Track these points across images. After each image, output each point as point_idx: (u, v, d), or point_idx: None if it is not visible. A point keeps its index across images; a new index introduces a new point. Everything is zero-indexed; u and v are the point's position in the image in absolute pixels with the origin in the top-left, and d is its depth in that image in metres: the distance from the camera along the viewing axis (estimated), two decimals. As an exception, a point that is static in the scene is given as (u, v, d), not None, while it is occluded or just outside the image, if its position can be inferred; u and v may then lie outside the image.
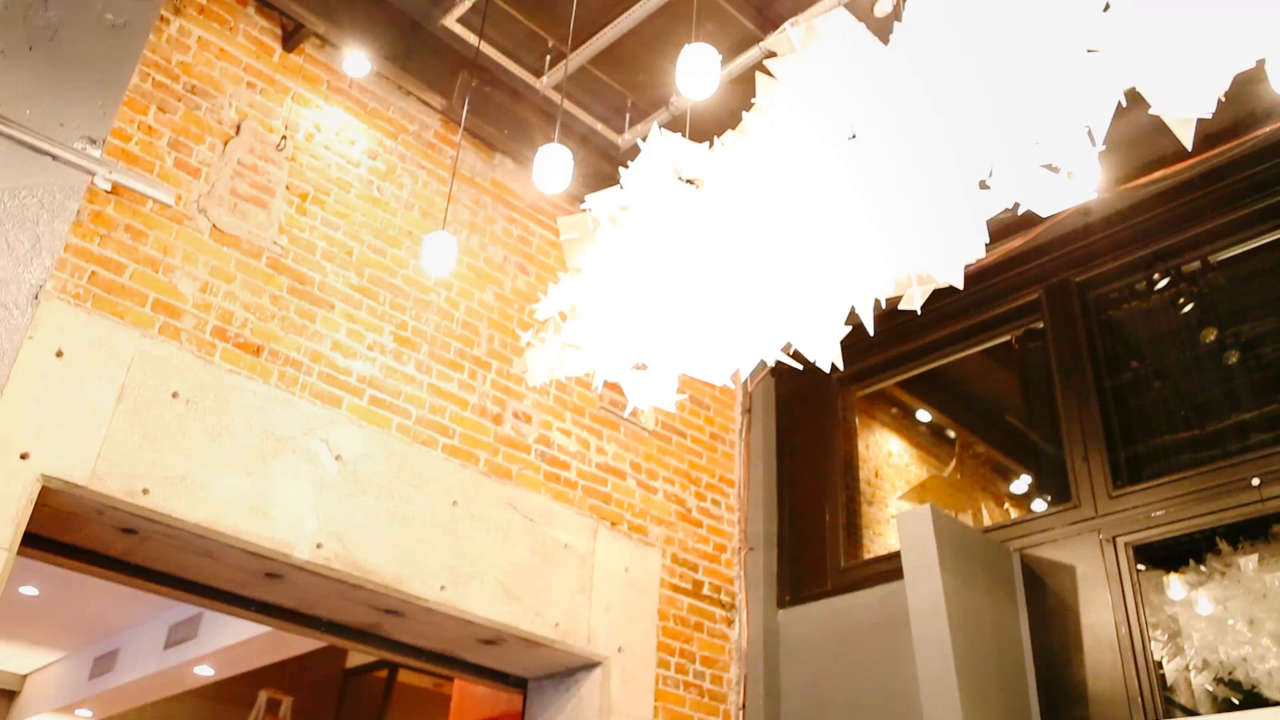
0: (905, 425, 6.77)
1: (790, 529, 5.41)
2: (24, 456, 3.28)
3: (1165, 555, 4.32)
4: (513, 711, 5.29)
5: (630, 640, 4.65)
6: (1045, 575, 4.40)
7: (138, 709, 9.77)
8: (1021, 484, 6.65)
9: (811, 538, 5.31)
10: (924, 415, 6.80)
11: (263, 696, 10.11)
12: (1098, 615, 4.19)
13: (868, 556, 5.27)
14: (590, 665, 4.56)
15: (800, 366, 3.22)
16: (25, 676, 9.73)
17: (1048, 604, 4.34)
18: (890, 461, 6.64)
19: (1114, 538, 4.26)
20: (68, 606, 7.96)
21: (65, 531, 3.66)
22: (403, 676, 11.25)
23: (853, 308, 2.98)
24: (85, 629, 8.44)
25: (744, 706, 4.98)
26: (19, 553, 3.34)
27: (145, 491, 3.48)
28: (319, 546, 3.81)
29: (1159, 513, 4.18)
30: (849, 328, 3.03)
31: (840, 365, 3.05)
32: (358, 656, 11.30)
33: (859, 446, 5.91)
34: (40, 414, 3.34)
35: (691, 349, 3.15)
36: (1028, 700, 4.18)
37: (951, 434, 6.97)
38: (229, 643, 6.91)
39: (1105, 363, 4.76)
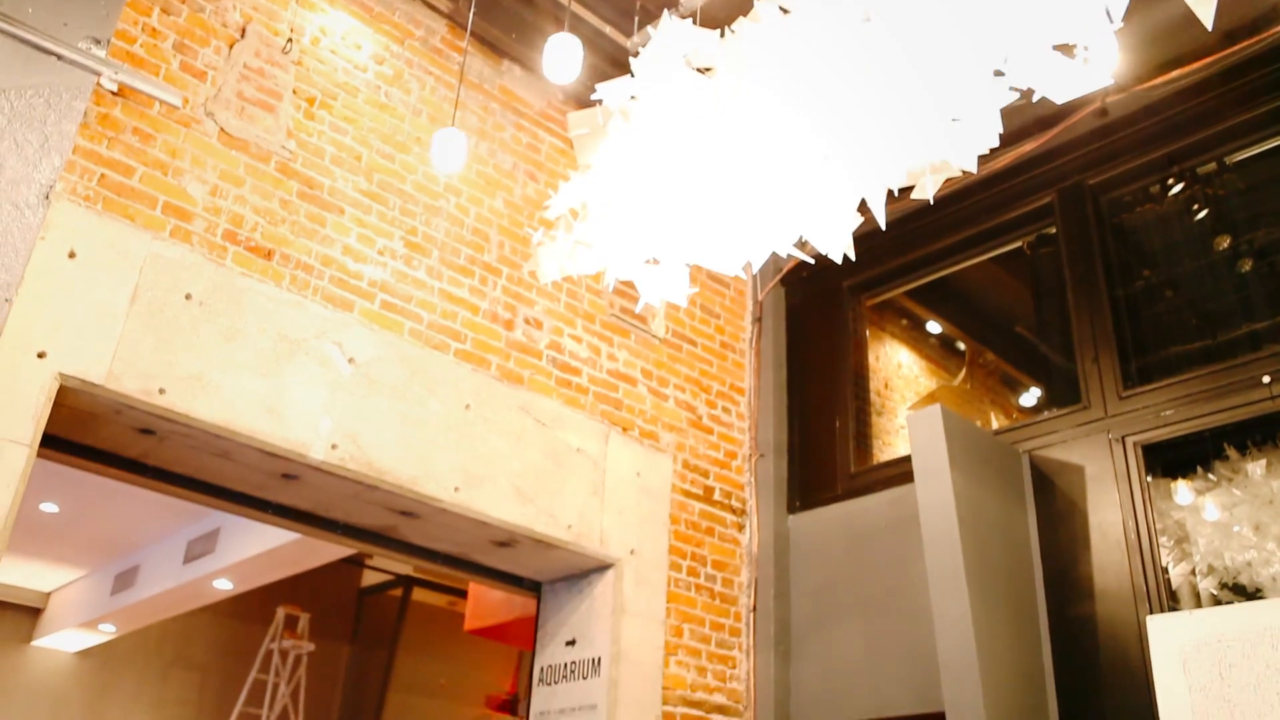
0: (915, 337, 6.78)
1: (800, 437, 5.45)
2: (41, 355, 3.30)
3: (1173, 459, 4.34)
4: (526, 616, 5.39)
5: (642, 543, 4.72)
6: (1054, 475, 4.43)
7: (160, 624, 9.98)
8: (1031, 395, 6.67)
9: (821, 445, 5.35)
10: (934, 327, 6.80)
11: (281, 613, 10.34)
12: (1105, 514, 4.22)
13: (877, 462, 5.31)
14: (603, 567, 4.63)
15: (811, 260, 3.22)
16: (49, 594, 9.91)
17: (1056, 504, 4.38)
18: (900, 373, 6.66)
19: (1123, 437, 4.28)
20: (87, 523, 8.08)
21: (84, 433, 3.71)
22: (417, 595, 11.47)
23: (864, 199, 2.97)
24: (105, 546, 8.58)
25: (755, 609, 5.07)
26: (39, 454, 3.38)
27: (161, 391, 3.51)
28: (334, 448, 3.85)
29: (1168, 412, 4.20)
30: (861, 218, 3.03)
31: (852, 255, 3.05)
32: (373, 576, 11.51)
33: (869, 358, 5.92)
34: (55, 314, 3.36)
35: (703, 241, 3.14)
36: (1035, 597, 4.25)
37: (961, 346, 6.97)
38: (246, 555, 7.02)
39: (1118, 270, 4.73)
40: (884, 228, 3.01)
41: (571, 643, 4.64)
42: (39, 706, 9.57)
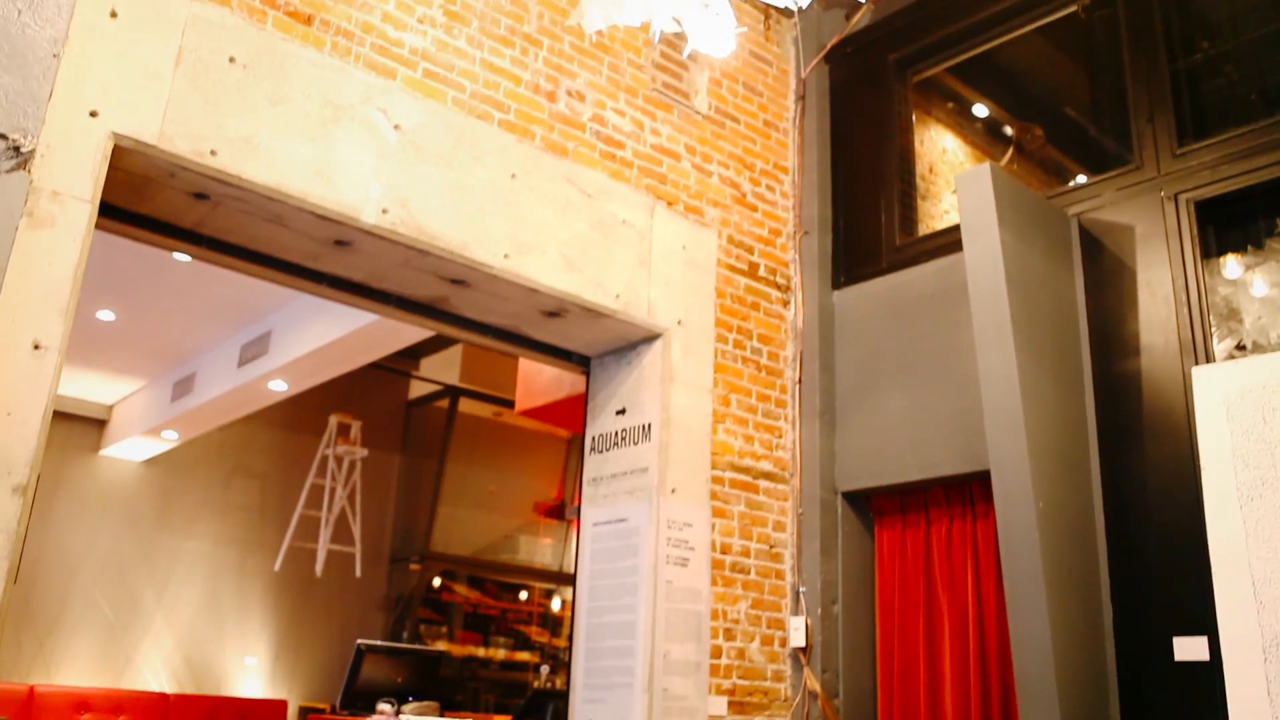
0: (960, 121, 6.63)
1: (844, 214, 5.42)
2: (93, 114, 3.33)
3: (1224, 223, 4.28)
4: (575, 394, 5.53)
5: (689, 314, 4.78)
6: (1103, 237, 4.40)
7: (219, 434, 10.36)
8: (1079, 180, 6.55)
9: (866, 222, 5.33)
10: (980, 110, 6.63)
11: (333, 420, 10.67)
12: (1154, 272, 4.21)
13: (922, 234, 5.29)
14: (651, 337, 4.71)
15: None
16: (112, 406, 10.28)
17: (1104, 265, 4.37)
18: (944, 158, 6.55)
19: (1175, 195, 4.22)
20: (143, 331, 8.29)
21: (140, 201, 3.76)
22: (463, 406, 11.76)
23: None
24: (162, 355, 8.83)
25: (800, 381, 5.16)
26: (98, 226, 3.45)
27: (213, 153, 3.54)
28: (384, 212, 3.89)
29: (1223, 166, 4.12)
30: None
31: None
32: (420, 387, 11.79)
33: (913, 141, 5.82)
34: (102, 74, 3.36)
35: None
36: (1080, 355, 4.28)
37: (1008, 131, 6.82)
38: (298, 355, 7.20)
39: (1179, 37, 4.57)
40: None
41: (622, 412, 4.77)
42: (112, 512, 10.05)
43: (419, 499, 11.60)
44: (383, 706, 5.83)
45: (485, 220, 4.15)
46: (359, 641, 6.02)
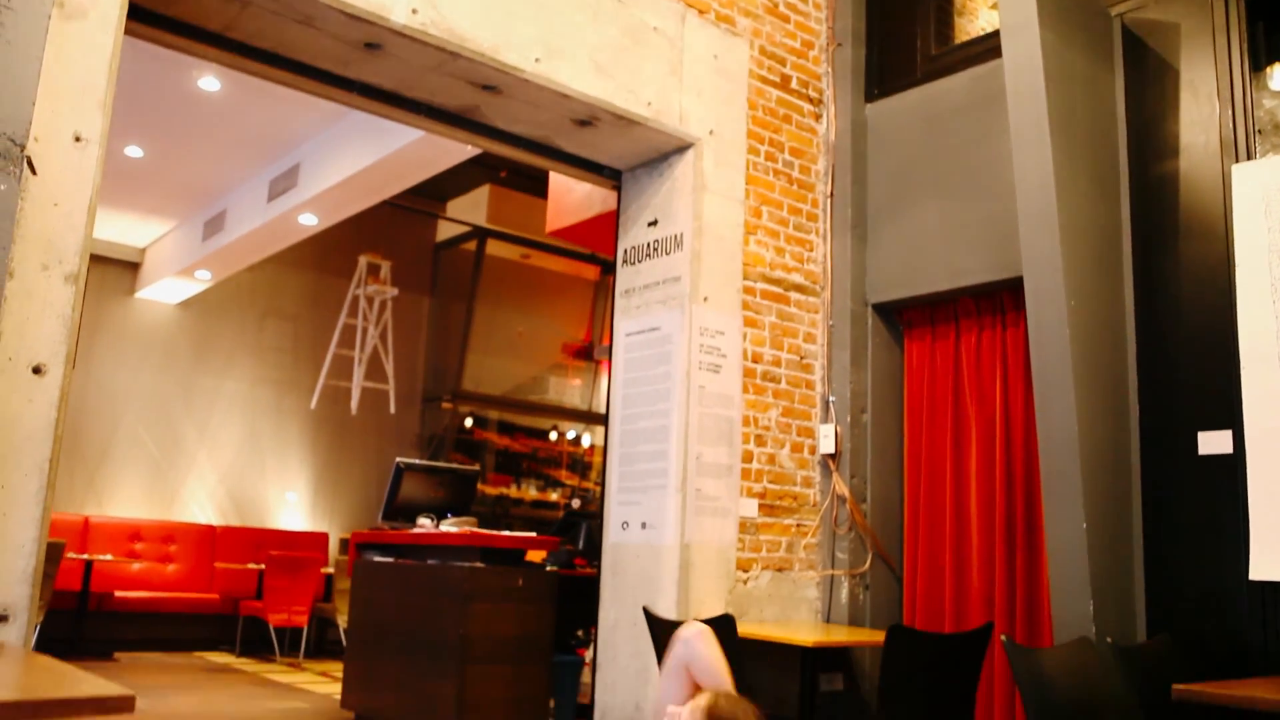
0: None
1: (878, 24, 5.30)
2: (117, -97, 3.27)
3: (1275, 21, 4.15)
4: (607, 212, 5.54)
5: (721, 124, 4.74)
6: (1146, 36, 4.29)
7: (251, 276, 10.47)
8: None
9: (900, 32, 5.22)
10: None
11: (363, 261, 10.74)
12: (1198, 71, 4.11)
13: (958, 42, 5.17)
14: (683, 147, 4.68)
15: None
16: (144, 249, 10.37)
17: (1146, 64, 4.27)
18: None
19: (1224, -10, 4.10)
20: (172, 169, 8.30)
21: (169, 3, 3.73)
22: (491, 248, 11.78)
23: None
24: (191, 193, 8.85)
25: (831, 195, 5.14)
26: (127, 31, 3.42)
27: (239, -54, 3.49)
28: (414, 12, 3.84)
29: (1277, -44, 3.98)
30: None
31: None
32: (448, 230, 11.80)
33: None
34: None
35: None
36: (1117, 157, 4.23)
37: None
38: (328, 186, 7.21)
39: None
40: None
41: (654, 223, 4.79)
42: (150, 354, 10.25)
43: (449, 341, 11.74)
44: (423, 521, 6.06)
45: (515, 23, 4.09)
46: (398, 460, 6.20)
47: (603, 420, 4.89)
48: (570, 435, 12.68)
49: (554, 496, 12.23)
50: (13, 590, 2.85)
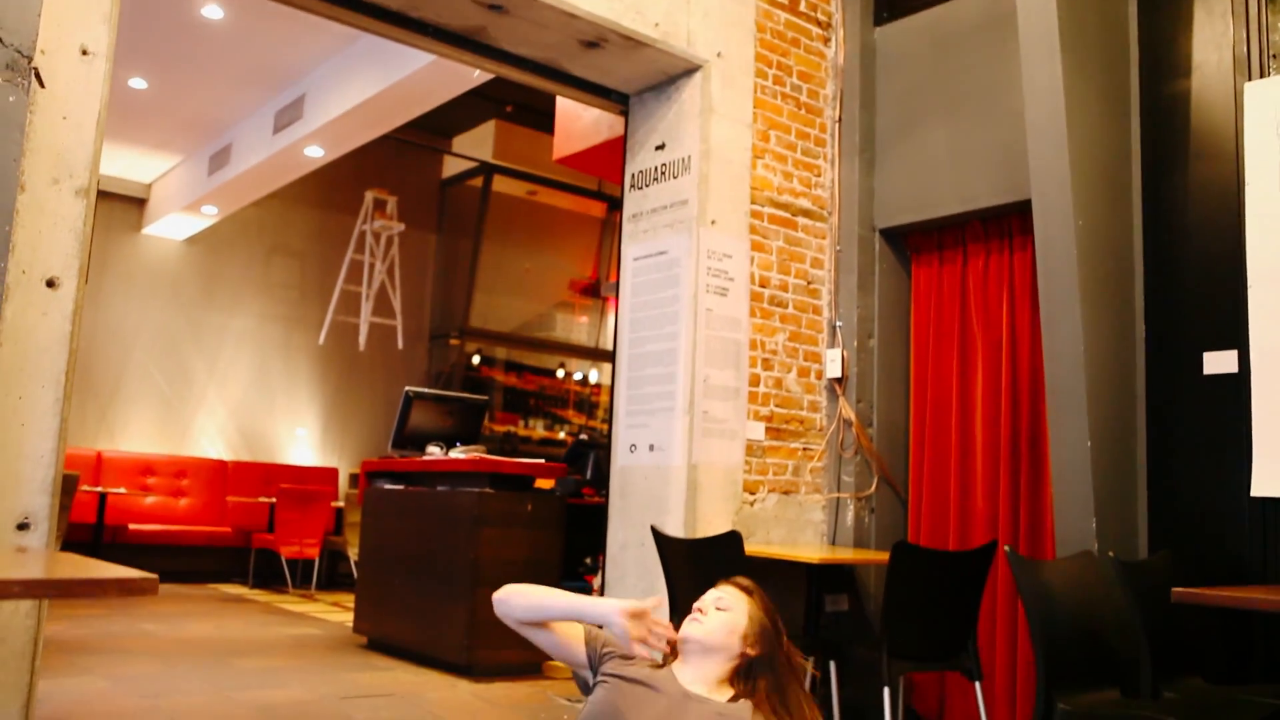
0: None
1: (890, -54, 5.23)
2: None
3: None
4: (614, 138, 5.52)
5: (728, 47, 4.71)
6: (1160, -47, 4.24)
7: (258, 213, 10.45)
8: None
9: (912, -46, 5.15)
10: None
11: (369, 196, 10.72)
12: (1213, -13, 4.06)
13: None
14: (690, 70, 4.65)
15: None
16: (150, 185, 10.35)
17: (1159, -17, 4.22)
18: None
19: (1241, -100, 4.03)
20: (176, 101, 8.25)
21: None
22: (497, 185, 11.74)
23: None
24: (196, 127, 8.81)
25: (840, 119, 5.11)
26: None
27: None
28: (419, -72, 3.81)
29: None
30: None
31: None
32: (454, 165, 11.75)
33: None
34: None
35: None
36: (1128, 76, 4.19)
37: None
38: (333, 116, 7.17)
39: None
40: None
41: (661, 147, 4.77)
42: (158, 291, 10.27)
43: (456, 278, 11.75)
44: (432, 449, 6.12)
45: (521, -61, 4.05)
46: (407, 389, 6.24)
47: (610, 357, 4.91)
48: (577, 376, 12.73)
49: (561, 435, 12.30)
50: (34, 499, 2.90)
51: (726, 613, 2.28)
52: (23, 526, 2.88)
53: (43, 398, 2.95)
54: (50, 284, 2.99)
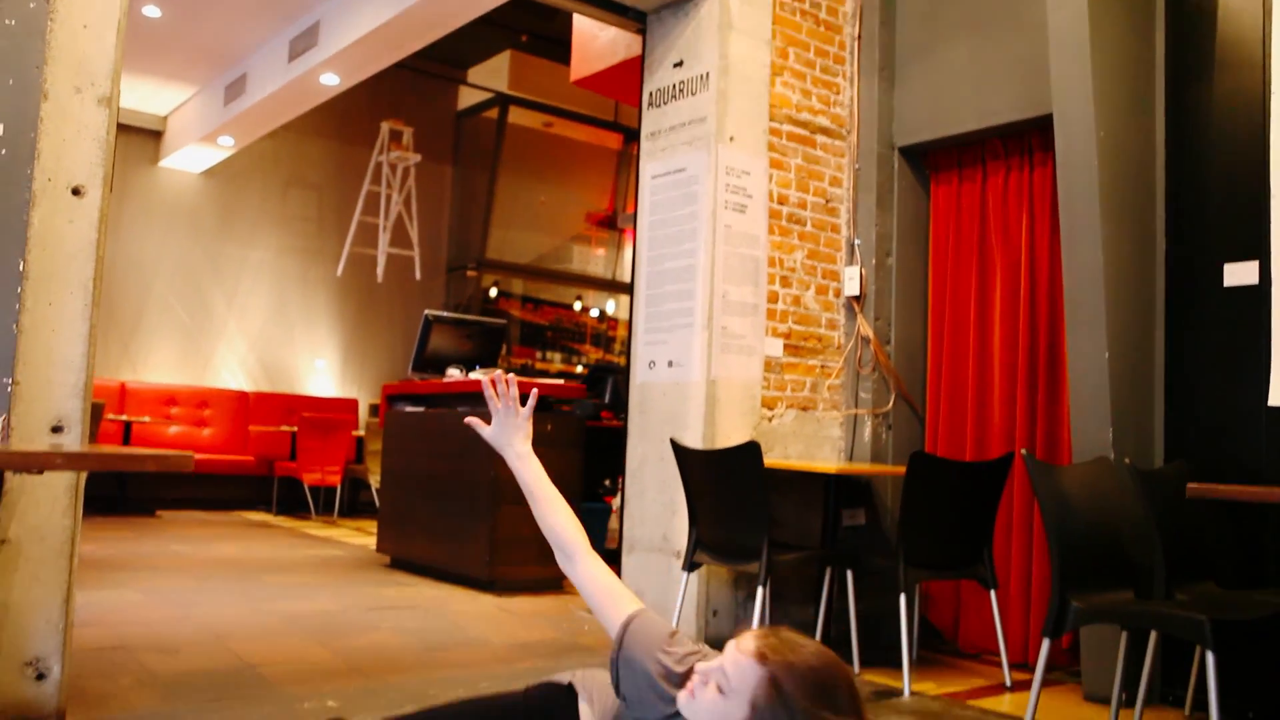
0: None
1: None
2: None
3: None
4: (631, 58, 5.48)
5: (748, -40, 4.66)
6: None
7: (274, 146, 10.44)
8: None
9: None
10: None
11: (385, 127, 10.69)
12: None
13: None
14: (709, -16, 4.62)
15: None
16: (166, 117, 10.33)
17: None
18: None
19: None
20: (190, 30, 8.21)
21: None
22: (513, 116, 11.68)
23: None
24: (211, 56, 8.77)
25: (859, 37, 5.06)
26: None
27: None
28: None
29: None
30: None
31: None
32: (469, 96, 11.68)
33: None
34: None
35: None
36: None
37: None
38: (349, 42, 7.12)
39: None
40: None
41: (679, 64, 4.74)
42: (176, 223, 10.31)
43: (473, 210, 11.74)
44: (452, 371, 6.18)
45: None
46: (426, 312, 6.28)
47: (627, 289, 4.92)
48: (594, 313, 12.75)
49: (578, 369, 12.36)
50: (66, 403, 2.96)
51: (722, 700, 1.52)
52: (57, 429, 2.95)
53: (71, 303, 2.99)
54: (76, 192, 3.02)
